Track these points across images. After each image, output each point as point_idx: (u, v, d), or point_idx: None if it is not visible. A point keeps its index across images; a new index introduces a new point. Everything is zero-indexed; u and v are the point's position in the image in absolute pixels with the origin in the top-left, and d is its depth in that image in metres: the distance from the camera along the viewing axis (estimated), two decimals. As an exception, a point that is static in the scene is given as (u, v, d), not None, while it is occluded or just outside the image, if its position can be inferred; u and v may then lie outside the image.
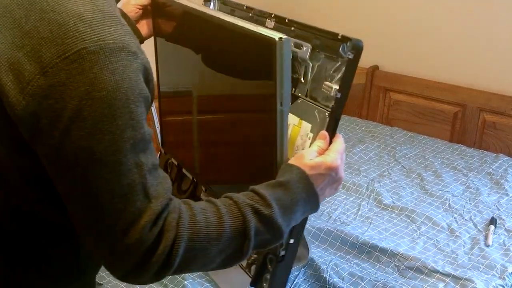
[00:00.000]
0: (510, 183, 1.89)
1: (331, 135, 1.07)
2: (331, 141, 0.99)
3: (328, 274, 1.38)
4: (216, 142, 1.34)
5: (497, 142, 2.23)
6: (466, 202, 1.77)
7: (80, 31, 0.70)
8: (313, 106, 1.11)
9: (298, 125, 1.11)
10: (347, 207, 1.73)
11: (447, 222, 1.66)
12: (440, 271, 1.41)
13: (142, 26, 1.32)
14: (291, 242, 1.14)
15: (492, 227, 1.61)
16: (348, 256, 1.50)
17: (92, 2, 0.72)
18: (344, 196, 1.80)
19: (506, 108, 2.19)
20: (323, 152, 0.95)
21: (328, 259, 1.45)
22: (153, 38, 1.39)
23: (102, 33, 0.70)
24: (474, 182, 1.90)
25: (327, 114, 1.08)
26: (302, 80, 1.15)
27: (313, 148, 0.95)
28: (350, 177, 1.91)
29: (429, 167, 2.02)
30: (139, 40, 1.30)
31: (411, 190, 1.86)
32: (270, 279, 1.17)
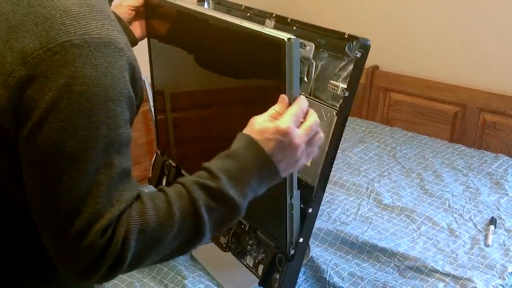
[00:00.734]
0: (510, 183, 1.89)
1: (338, 134, 1.06)
2: None
3: (328, 274, 1.38)
4: (223, 145, 1.34)
5: (497, 142, 2.24)
6: (466, 202, 1.77)
7: (65, 24, 0.69)
8: (319, 105, 1.11)
9: None
10: (347, 207, 1.73)
11: (447, 222, 1.66)
12: (440, 271, 1.41)
13: (135, 28, 1.31)
14: (301, 241, 1.14)
15: (492, 227, 1.61)
16: (348, 256, 1.50)
17: None
18: (344, 196, 1.80)
19: (506, 108, 2.19)
20: (278, 117, 0.86)
21: (328, 259, 1.45)
22: (146, 40, 1.38)
23: (88, 27, 0.70)
24: (474, 182, 1.90)
25: (334, 113, 1.08)
26: (306, 79, 1.15)
27: (265, 113, 0.86)
28: (350, 177, 1.91)
29: (429, 167, 2.02)
30: (132, 43, 1.30)
31: (411, 190, 1.86)
32: (280, 279, 1.17)
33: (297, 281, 1.24)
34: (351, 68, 1.06)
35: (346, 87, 1.06)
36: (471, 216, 1.69)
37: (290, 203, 1.08)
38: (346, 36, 1.05)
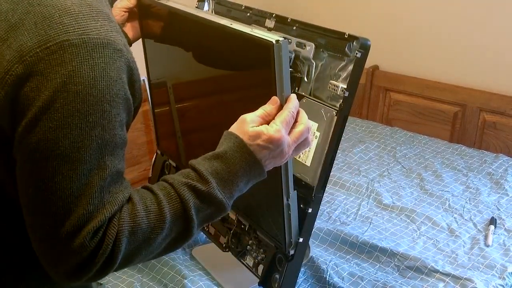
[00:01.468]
0: (510, 183, 1.89)
1: (338, 134, 1.06)
2: None
3: (328, 274, 1.38)
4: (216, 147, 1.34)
5: (497, 142, 2.24)
6: (466, 202, 1.77)
7: (64, 23, 0.69)
8: (319, 105, 1.11)
9: None
10: (347, 207, 1.73)
11: (447, 222, 1.66)
12: (440, 270, 1.41)
13: (129, 29, 1.31)
14: (300, 241, 1.14)
15: (492, 227, 1.61)
16: (348, 256, 1.50)
17: None
18: (344, 196, 1.80)
19: (506, 108, 2.19)
20: (268, 118, 0.86)
21: (328, 259, 1.45)
22: (141, 41, 1.38)
23: (87, 27, 0.70)
24: (474, 182, 1.90)
25: (334, 113, 1.08)
26: (306, 79, 1.15)
27: (256, 113, 0.86)
28: (350, 177, 1.91)
29: (429, 167, 2.02)
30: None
31: (411, 190, 1.86)
32: (280, 279, 1.17)
33: (297, 281, 1.24)
34: (351, 68, 1.06)
35: (346, 87, 1.06)
36: (471, 216, 1.69)
37: (287, 204, 1.08)
38: (346, 36, 1.05)
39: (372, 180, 1.90)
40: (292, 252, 1.15)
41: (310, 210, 1.13)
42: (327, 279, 1.37)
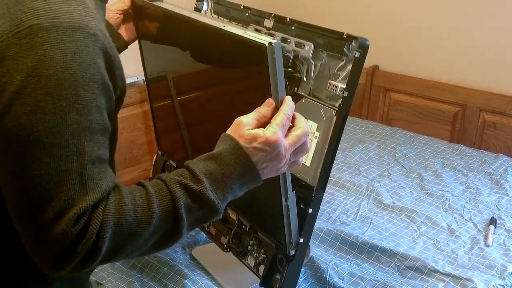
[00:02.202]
0: (510, 183, 1.89)
1: (337, 134, 1.06)
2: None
3: (328, 274, 1.38)
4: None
5: (497, 142, 2.24)
6: (466, 202, 1.77)
7: (35, 7, 0.69)
8: (318, 105, 1.11)
9: None
10: (347, 207, 1.73)
11: (447, 222, 1.66)
12: (440, 270, 1.41)
13: (124, 31, 1.30)
14: (301, 241, 1.14)
15: (492, 227, 1.61)
16: (348, 256, 1.50)
17: None
18: (344, 196, 1.80)
19: (506, 108, 2.19)
20: (263, 120, 0.85)
21: (328, 259, 1.45)
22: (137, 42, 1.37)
23: (59, 11, 0.69)
24: (474, 182, 1.90)
25: (334, 113, 1.07)
26: (305, 79, 1.15)
27: (251, 115, 0.85)
28: (350, 177, 1.91)
29: (429, 167, 2.02)
30: (123, 46, 1.29)
31: (411, 190, 1.86)
32: (281, 279, 1.17)
33: (298, 281, 1.24)
34: (350, 68, 1.06)
35: (345, 87, 1.06)
36: (471, 216, 1.69)
37: (286, 205, 1.08)
38: (345, 36, 1.05)
39: (372, 180, 1.90)
40: (292, 252, 1.15)
41: (310, 211, 1.13)
42: (327, 279, 1.37)
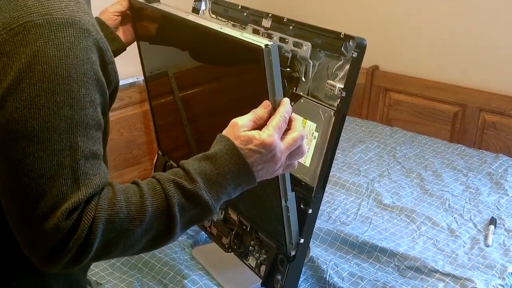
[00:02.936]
0: (510, 183, 1.89)
1: (336, 134, 1.06)
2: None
3: (328, 274, 1.38)
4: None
5: (497, 142, 2.23)
6: (466, 202, 1.77)
7: (28, 5, 0.70)
8: (317, 105, 1.11)
9: (302, 124, 1.12)
10: (347, 207, 1.73)
11: (447, 222, 1.66)
12: (440, 270, 1.41)
13: (122, 33, 1.30)
14: (301, 241, 1.14)
15: (492, 227, 1.61)
16: (348, 256, 1.50)
17: None
18: (344, 196, 1.80)
19: (506, 108, 2.19)
20: (260, 121, 0.85)
21: (328, 259, 1.45)
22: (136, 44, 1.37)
23: (51, 7, 0.70)
24: (474, 182, 1.90)
25: (332, 113, 1.07)
26: (303, 79, 1.15)
27: (248, 117, 0.85)
28: (350, 177, 1.91)
29: (429, 167, 2.02)
30: (121, 48, 1.29)
31: (411, 190, 1.86)
32: (282, 280, 1.17)
33: (299, 281, 1.24)
34: (348, 67, 1.06)
35: (343, 87, 1.06)
36: (471, 216, 1.69)
37: (286, 206, 1.08)
38: (342, 36, 1.05)
39: (372, 180, 1.90)
40: (293, 252, 1.15)
41: (310, 211, 1.13)
42: (327, 279, 1.37)
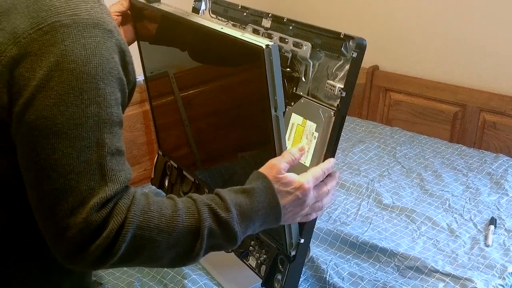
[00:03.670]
0: (510, 183, 1.89)
1: (336, 134, 1.07)
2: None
3: (328, 274, 1.38)
4: (214, 152, 1.34)
5: (497, 142, 2.24)
6: (466, 202, 1.77)
7: (55, 5, 0.72)
8: (317, 105, 1.11)
9: (302, 124, 1.12)
10: (347, 207, 1.73)
11: (447, 222, 1.66)
12: (440, 270, 1.41)
13: (123, 33, 1.30)
14: (301, 241, 1.14)
15: (492, 227, 1.61)
16: (348, 256, 1.50)
17: None
18: (344, 196, 1.80)
19: (506, 108, 2.19)
20: (293, 163, 0.94)
21: (328, 259, 1.45)
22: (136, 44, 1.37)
23: (77, 8, 0.72)
24: (474, 182, 1.90)
25: (332, 113, 1.07)
26: (303, 79, 1.15)
27: (285, 158, 0.93)
28: (350, 177, 1.91)
29: (429, 167, 2.02)
30: None
31: (411, 190, 1.86)
32: (283, 280, 1.17)
33: (299, 281, 1.24)
34: (348, 67, 1.06)
35: (343, 87, 1.06)
36: (471, 216, 1.69)
37: None
38: (342, 36, 1.05)
39: (372, 180, 1.90)
40: (293, 253, 1.14)
41: (310, 211, 1.13)
42: (327, 279, 1.37)
